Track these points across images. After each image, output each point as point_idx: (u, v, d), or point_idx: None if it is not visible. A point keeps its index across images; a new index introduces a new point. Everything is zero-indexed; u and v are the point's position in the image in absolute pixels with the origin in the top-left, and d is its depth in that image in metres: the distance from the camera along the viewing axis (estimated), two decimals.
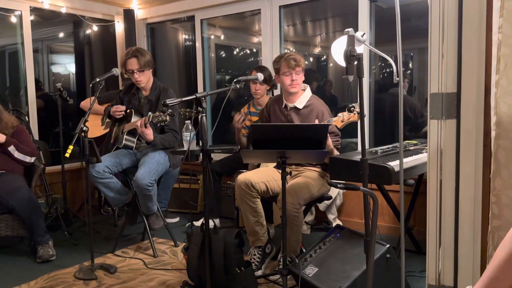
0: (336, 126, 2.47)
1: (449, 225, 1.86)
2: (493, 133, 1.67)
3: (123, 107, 3.27)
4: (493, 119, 1.66)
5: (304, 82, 2.88)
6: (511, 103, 1.61)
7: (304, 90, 2.84)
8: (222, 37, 4.86)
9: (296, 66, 2.70)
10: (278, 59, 2.80)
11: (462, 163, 1.80)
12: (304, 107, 2.78)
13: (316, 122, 2.68)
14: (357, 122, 2.42)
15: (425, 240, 1.96)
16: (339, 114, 2.41)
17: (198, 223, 3.50)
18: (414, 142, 3.01)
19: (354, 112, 2.32)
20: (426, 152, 1.93)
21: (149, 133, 2.99)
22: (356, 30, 1.84)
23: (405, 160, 2.36)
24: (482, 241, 1.80)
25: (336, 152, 2.66)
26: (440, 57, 1.81)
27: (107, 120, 3.64)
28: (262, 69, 3.47)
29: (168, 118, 2.82)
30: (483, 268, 1.78)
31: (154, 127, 3.08)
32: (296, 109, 2.79)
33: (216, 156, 3.91)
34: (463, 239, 1.83)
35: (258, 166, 3.21)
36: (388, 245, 2.14)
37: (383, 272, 2.09)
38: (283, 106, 2.85)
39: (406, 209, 2.85)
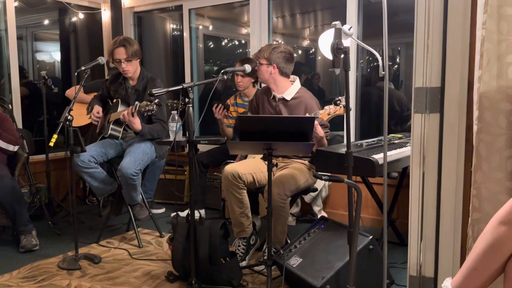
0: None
1: (431, 217, 1.90)
2: (475, 128, 1.70)
3: (100, 114, 3.26)
4: (476, 113, 1.69)
5: (292, 74, 2.88)
6: (493, 98, 1.64)
7: (293, 82, 2.85)
8: (211, 27, 4.82)
9: (256, 56, 2.81)
10: None
11: (445, 157, 1.83)
12: (293, 98, 2.79)
13: (307, 115, 2.69)
14: (343, 115, 2.44)
15: (407, 232, 1.99)
16: (326, 107, 2.43)
17: (183, 214, 3.50)
18: (399, 135, 3.04)
19: (340, 105, 2.34)
20: (410, 145, 1.96)
21: (137, 122, 2.97)
22: (344, 23, 1.84)
23: (389, 153, 2.39)
24: (463, 233, 1.84)
25: (325, 142, 2.68)
26: (425, 52, 1.83)
27: None
28: (246, 61, 3.43)
29: (155, 107, 2.81)
30: (463, 259, 1.82)
31: (141, 117, 3.06)
32: (284, 100, 2.80)
33: (203, 147, 3.90)
34: (444, 231, 1.87)
35: (245, 157, 3.21)
36: (371, 237, 2.17)
37: (365, 263, 2.12)
38: (272, 97, 2.86)
39: (389, 201, 2.89)
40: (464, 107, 1.79)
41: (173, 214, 3.70)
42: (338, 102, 2.32)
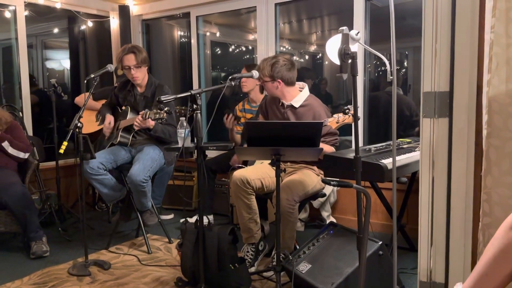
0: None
1: (441, 222, 1.88)
2: (484, 132, 1.69)
3: (112, 124, 3.30)
4: (485, 117, 1.68)
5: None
6: (503, 102, 1.63)
7: (302, 89, 2.85)
8: (218, 34, 4.85)
9: (261, 76, 2.75)
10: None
11: (454, 161, 1.82)
12: (301, 106, 2.79)
13: None
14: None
15: (417, 237, 1.98)
16: (335, 116, 2.44)
17: (192, 220, 3.51)
18: (408, 140, 3.02)
19: (349, 114, 2.33)
20: (419, 150, 1.95)
21: (148, 121, 3.00)
22: (351, 28, 1.85)
23: (398, 158, 2.38)
24: (473, 238, 1.82)
25: (332, 150, 2.67)
26: (433, 56, 1.83)
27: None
28: (252, 67, 3.43)
29: (165, 115, 2.82)
30: (473, 265, 1.80)
31: None
32: (292, 107, 2.80)
33: (211, 153, 3.91)
34: (455, 236, 1.85)
35: (253, 162, 3.22)
36: (380, 242, 2.16)
37: (375, 268, 2.11)
38: (280, 104, 2.86)
39: (399, 206, 2.87)
40: (473, 112, 1.78)
41: (182, 220, 3.72)
42: (347, 111, 2.32)
